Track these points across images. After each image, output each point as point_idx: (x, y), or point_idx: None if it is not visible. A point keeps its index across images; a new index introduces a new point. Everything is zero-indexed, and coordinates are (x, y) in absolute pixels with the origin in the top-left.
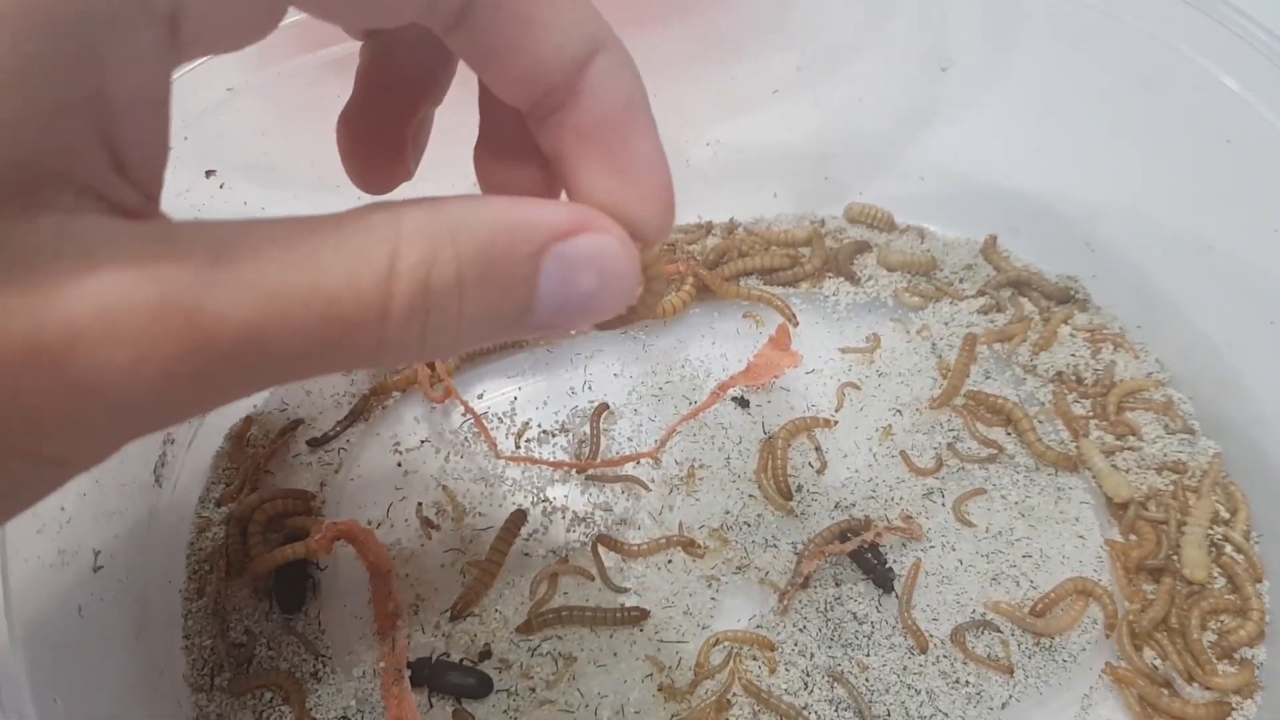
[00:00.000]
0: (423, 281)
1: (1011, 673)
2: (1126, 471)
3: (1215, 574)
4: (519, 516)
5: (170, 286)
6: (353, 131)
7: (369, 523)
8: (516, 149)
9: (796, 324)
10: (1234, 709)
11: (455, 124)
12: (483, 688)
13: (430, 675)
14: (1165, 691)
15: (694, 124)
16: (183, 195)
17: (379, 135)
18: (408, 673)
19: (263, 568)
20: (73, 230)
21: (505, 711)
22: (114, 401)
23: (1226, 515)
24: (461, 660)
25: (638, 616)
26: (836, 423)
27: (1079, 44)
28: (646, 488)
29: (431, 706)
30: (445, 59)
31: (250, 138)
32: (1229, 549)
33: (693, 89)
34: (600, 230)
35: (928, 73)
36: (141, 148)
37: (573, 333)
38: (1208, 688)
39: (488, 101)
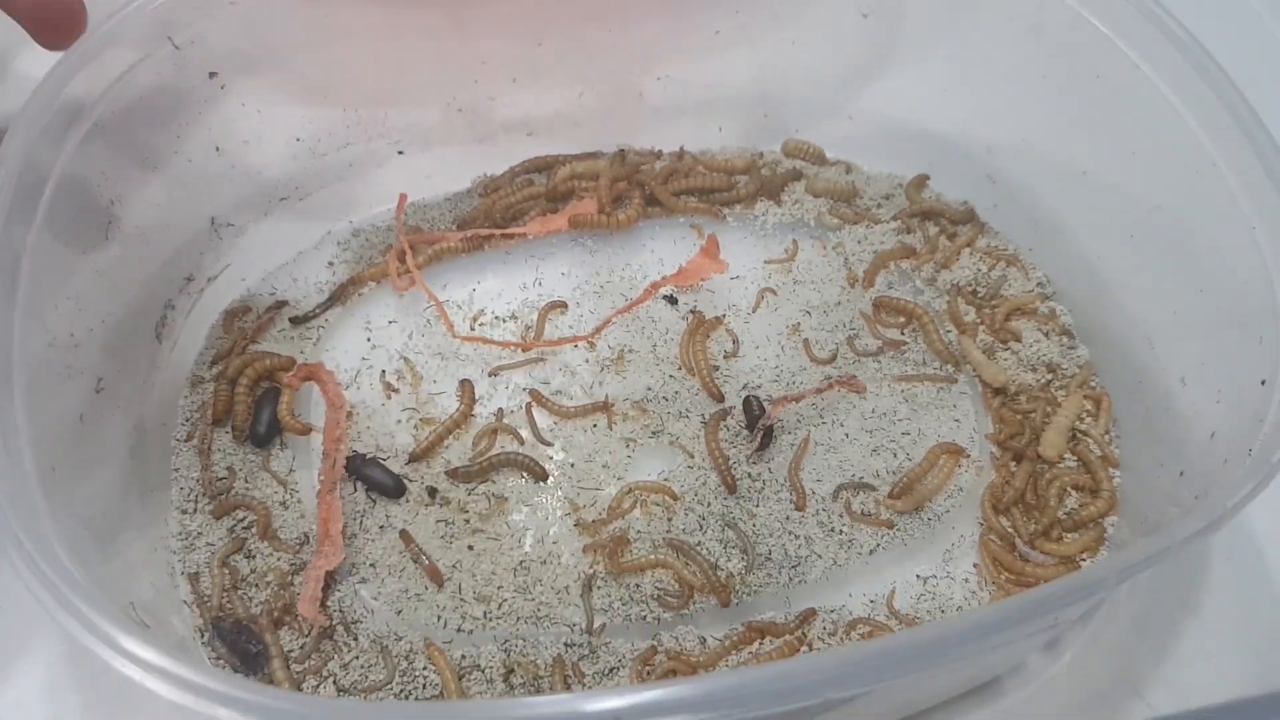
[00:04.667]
0: None
1: (892, 527)
2: (1004, 370)
3: (1067, 457)
4: (469, 384)
5: None
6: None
7: (338, 383)
8: None
9: (723, 217)
10: (1081, 569)
11: (435, 47)
12: (396, 490)
13: (359, 466)
14: (1018, 556)
15: (646, 61)
16: (190, 90)
17: None
18: (340, 487)
19: (292, 425)
20: None
21: (442, 537)
22: None
23: (1091, 411)
24: (399, 475)
25: (538, 472)
26: (720, 318)
27: None
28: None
29: (366, 510)
30: None
31: (250, 40)
32: (1089, 443)
33: (645, 28)
34: None
35: (854, 20)
36: None
37: (530, 236)
38: (1050, 553)
39: None
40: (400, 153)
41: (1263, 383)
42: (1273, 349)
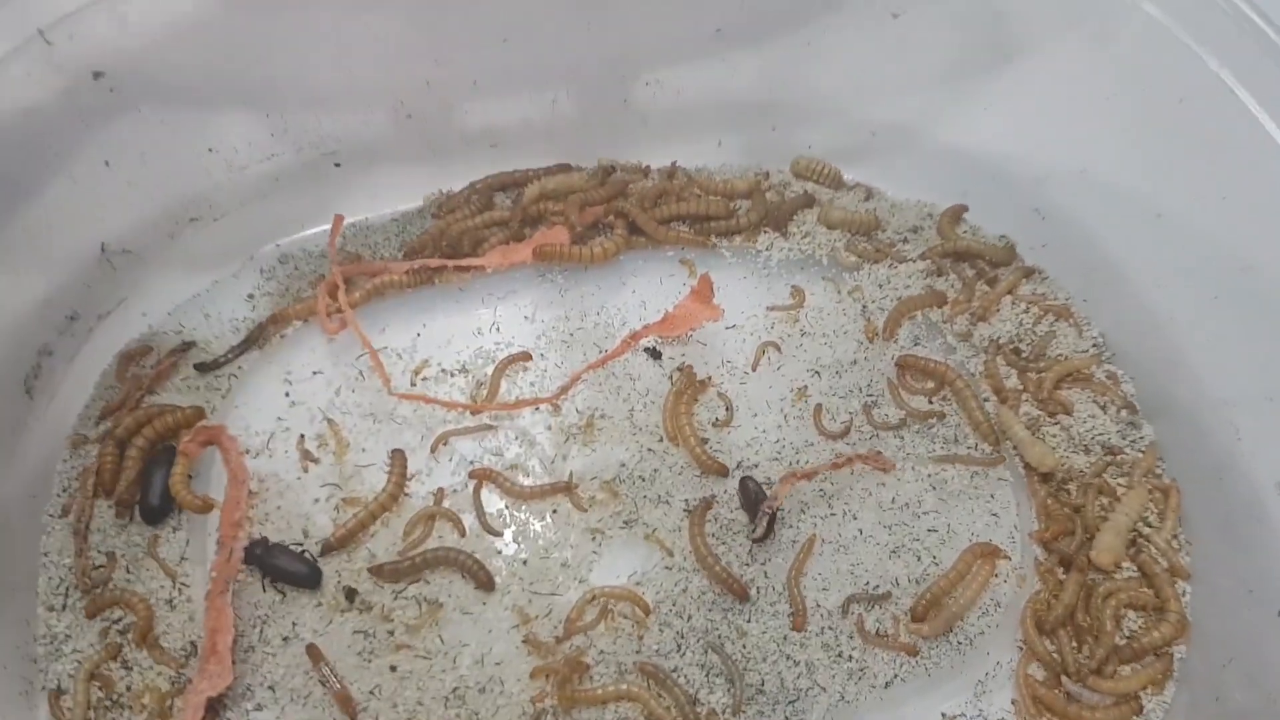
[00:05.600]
0: None
1: (915, 653)
2: (1054, 450)
3: (1125, 565)
4: (401, 457)
5: None
6: None
7: (246, 451)
8: None
9: (714, 247)
10: (1143, 707)
11: (380, 43)
12: (312, 577)
13: (261, 555)
14: (1064, 695)
15: (632, 62)
16: (70, 94)
17: None
18: (234, 587)
19: (186, 499)
20: None
21: (360, 653)
22: None
23: (1155, 514)
24: (303, 551)
25: (483, 580)
26: (709, 378)
27: None
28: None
29: (269, 615)
30: None
31: (145, 32)
32: (1152, 550)
33: (632, 24)
34: None
35: (881, 20)
36: None
37: (489, 270)
38: (1105, 691)
39: None
40: (337, 165)
41: None
42: None
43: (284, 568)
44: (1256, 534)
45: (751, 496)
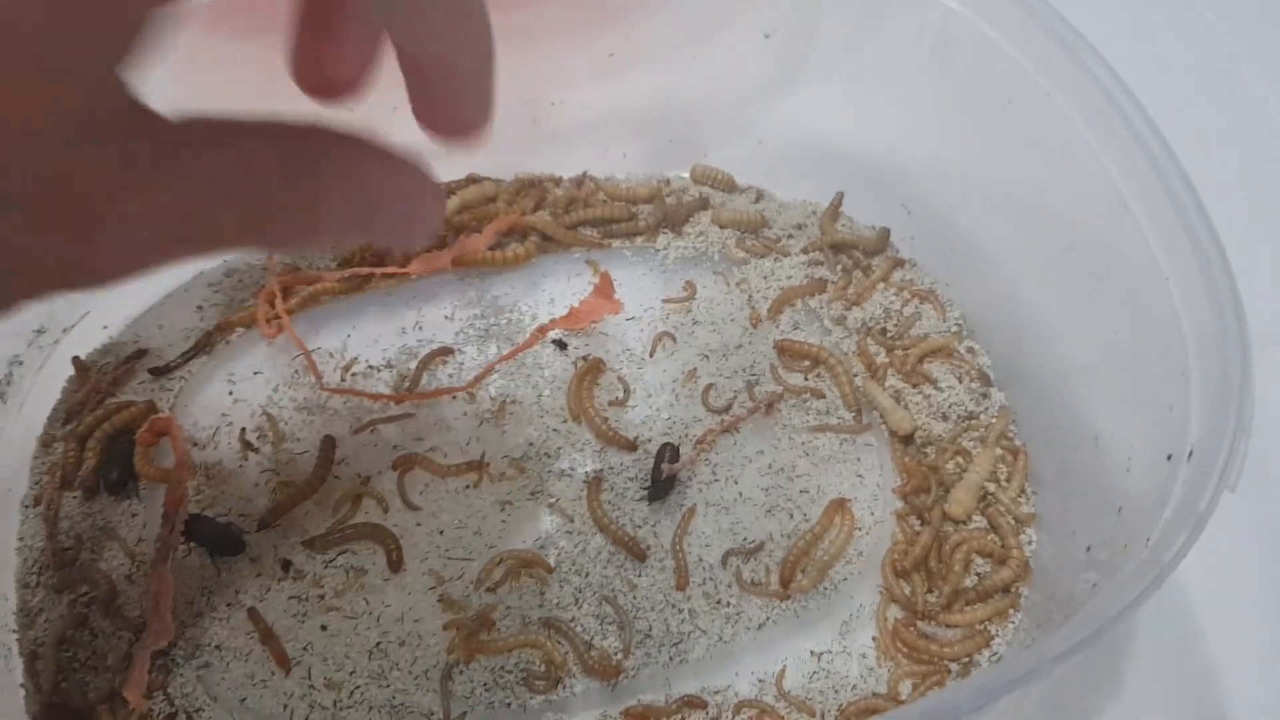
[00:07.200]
0: None
1: (786, 597)
2: (913, 417)
3: (976, 518)
4: (330, 442)
5: None
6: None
7: (195, 443)
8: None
9: (609, 246)
10: (992, 637)
11: None
12: (235, 544)
13: (192, 526)
14: (918, 631)
15: (535, 84)
16: None
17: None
18: (175, 555)
19: (149, 471)
20: None
21: (294, 615)
22: None
23: (1005, 473)
24: (229, 525)
25: (394, 559)
26: (604, 362)
27: (875, 9)
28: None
29: (214, 586)
30: None
31: None
32: (1000, 505)
33: (530, 52)
34: None
35: (756, 40)
36: None
37: (414, 276)
38: (952, 625)
39: None
40: None
41: (1169, 458)
42: (1181, 419)
43: (207, 535)
44: (1078, 483)
45: (662, 459)
